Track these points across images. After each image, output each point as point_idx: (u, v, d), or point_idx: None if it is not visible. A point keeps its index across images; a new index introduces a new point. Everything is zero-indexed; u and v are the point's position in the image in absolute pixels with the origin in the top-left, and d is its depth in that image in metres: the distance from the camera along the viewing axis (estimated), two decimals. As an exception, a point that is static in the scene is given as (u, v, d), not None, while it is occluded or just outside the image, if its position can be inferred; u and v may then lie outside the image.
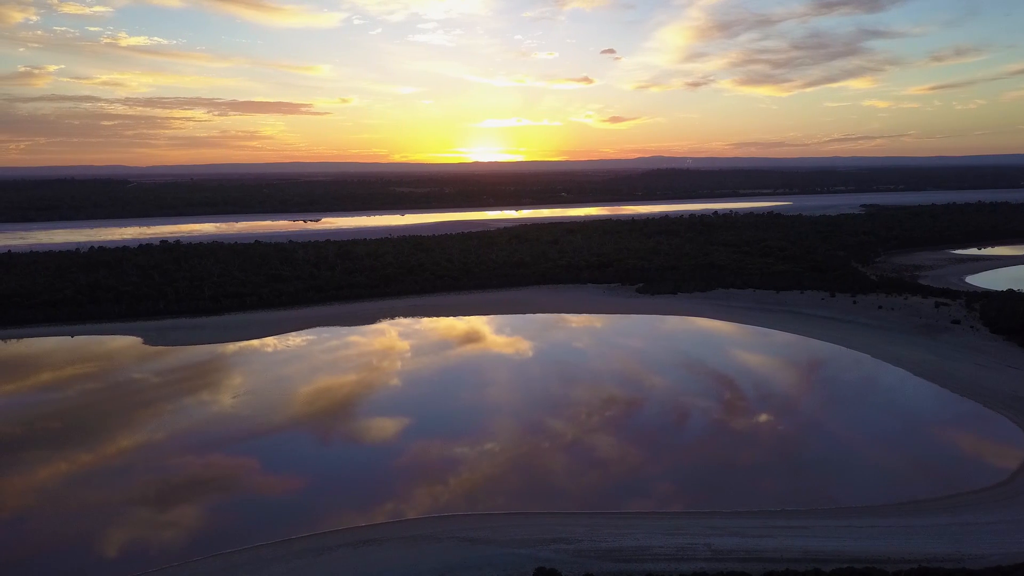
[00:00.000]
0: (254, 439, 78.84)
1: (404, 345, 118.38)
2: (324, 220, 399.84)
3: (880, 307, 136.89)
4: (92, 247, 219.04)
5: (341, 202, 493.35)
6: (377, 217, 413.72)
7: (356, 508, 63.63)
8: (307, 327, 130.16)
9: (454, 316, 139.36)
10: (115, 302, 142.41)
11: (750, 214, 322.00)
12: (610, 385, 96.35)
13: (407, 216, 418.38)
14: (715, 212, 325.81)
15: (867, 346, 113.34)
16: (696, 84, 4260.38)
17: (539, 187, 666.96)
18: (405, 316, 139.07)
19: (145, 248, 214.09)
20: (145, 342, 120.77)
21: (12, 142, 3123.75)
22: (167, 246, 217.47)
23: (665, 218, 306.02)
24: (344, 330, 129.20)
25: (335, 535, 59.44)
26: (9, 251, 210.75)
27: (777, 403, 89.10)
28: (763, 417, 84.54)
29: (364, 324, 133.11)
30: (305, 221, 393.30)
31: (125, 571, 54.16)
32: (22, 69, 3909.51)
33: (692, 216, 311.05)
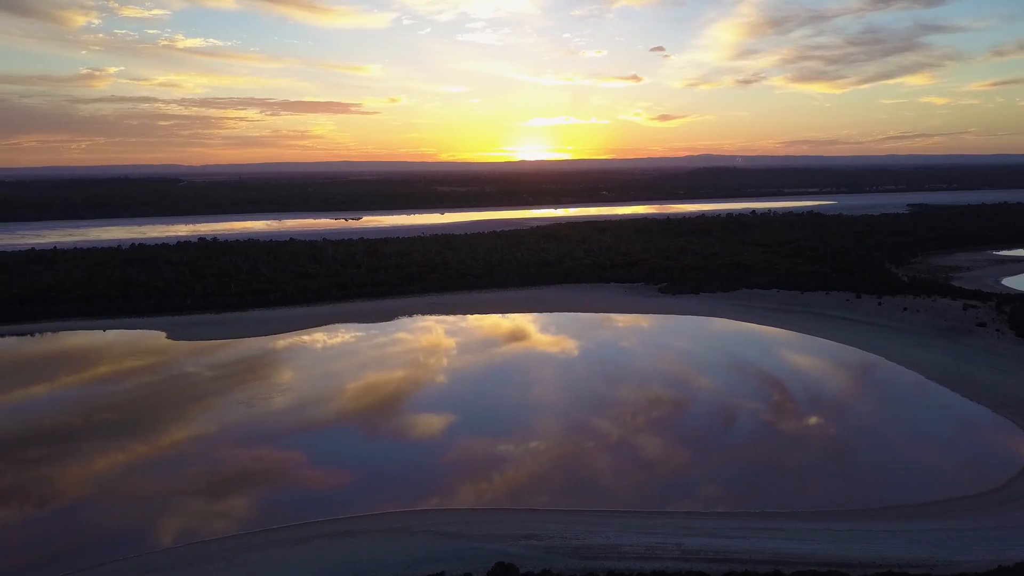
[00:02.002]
0: (263, 432, 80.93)
1: (416, 341, 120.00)
2: (365, 218, 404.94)
3: (905, 309, 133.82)
4: (133, 244, 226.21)
5: (383, 201, 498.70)
6: (418, 216, 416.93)
7: (341, 501, 65.08)
8: (326, 323, 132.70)
9: (469, 313, 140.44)
10: (145, 297, 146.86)
11: (788, 213, 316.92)
12: (593, 382, 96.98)
13: (447, 215, 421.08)
14: (753, 211, 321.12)
15: (883, 348, 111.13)
16: (747, 81, 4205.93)
17: (581, 186, 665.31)
18: (423, 313, 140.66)
19: (182, 245, 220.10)
20: (169, 336, 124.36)
21: (73, 142, 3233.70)
22: (204, 243, 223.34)
23: (701, 217, 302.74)
24: (360, 326, 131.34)
25: (314, 526, 60.87)
26: (55, 247, 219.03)
27: (774, 404, 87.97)
28: (755, 418, 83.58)
29: (381, 321, 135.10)
30: (347, 219, 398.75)
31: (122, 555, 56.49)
32: (84, 71, 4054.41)
33: (729, 215, 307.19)
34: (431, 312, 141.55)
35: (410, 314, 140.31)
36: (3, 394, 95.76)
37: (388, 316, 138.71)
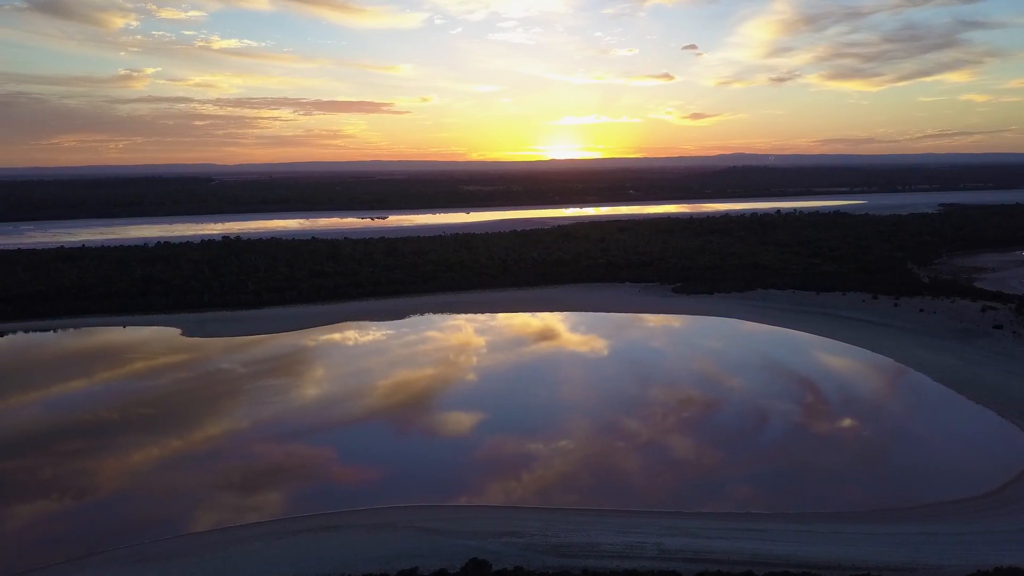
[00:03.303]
0: (265, 427, 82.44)
1: (422, 339, 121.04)
2: (391, 218, 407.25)
3: (921, 310, 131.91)
4: (158, 242, 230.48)
5: (409, 200, 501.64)
6: (443, 215, 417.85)
7: (337, 495, 66.08)
8: (337, 321, 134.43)
9: (479, 312, 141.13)
10: (164, 295, 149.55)
11: (814, 213, 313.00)
12: (587, 382, 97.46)
13: (472, 214, 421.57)
14: (778, 211, 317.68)
15: (893, 350, 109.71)
16: (781, 79, 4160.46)
17: (608, 185, 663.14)
18: (434, 312, 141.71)
19: (206, 243, 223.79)
20: (183, 333, 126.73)
21: (112, 142, 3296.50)
22: (226, 241, 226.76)
23: (724, 217, 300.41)
24: (370, 324, 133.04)
25: (300, 520, 61.89)
26: (83, 245, 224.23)
27: (770, 405, 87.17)
28: (744, 418, 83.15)
29: (391, 319, 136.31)
30: (373, 219, 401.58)
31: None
32: (122, 72, 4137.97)
33: (753, 215, 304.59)
34: (441, 311, 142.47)
35: (421, 312, 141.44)
36: (15, 389, 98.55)
37: (399, 315, 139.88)
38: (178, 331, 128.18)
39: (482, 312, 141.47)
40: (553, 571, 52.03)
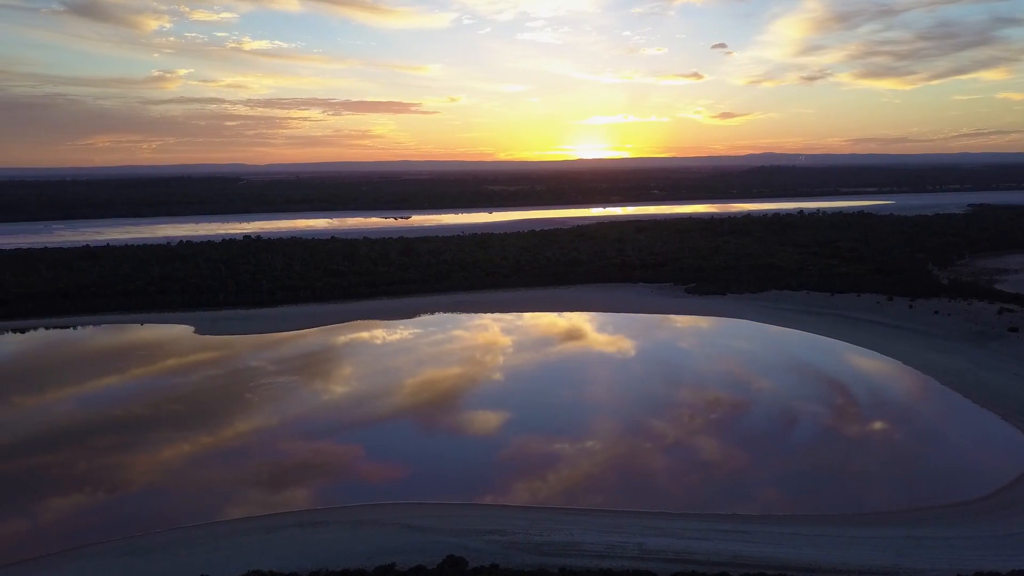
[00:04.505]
0: (269, 423, 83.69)
1: (430, 338, 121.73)
2: (414, 217, 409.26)
3: (936, 312, 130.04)
4: (180, 241, 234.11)
5: (433, 200, 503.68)
6: (466, 215, 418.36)
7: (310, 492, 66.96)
8: (348, 320, 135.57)
9: (489, 312, 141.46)
10: (180, 293, 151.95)
11: (837, 213, 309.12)
12: (575, 381, 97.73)
13: (495, 214, 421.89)
14: (800, 211, 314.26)
15: (902, 352, 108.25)
16: (812, 78, 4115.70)
17: (632, 184, 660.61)
18: (444, 311, 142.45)
19: (226, 242, 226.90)
20: (196, 331, 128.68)
21: (145, 142, 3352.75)
22: (247, 240, 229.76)
23: (746, 217, 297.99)
24: (380, 323, 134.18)
25: (289, 516, 62.76)
26: (108, 244, 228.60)
27: (765, 408, 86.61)
28: (741, 422, 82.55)
29: (401, 319, 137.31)
30: (396, 219, 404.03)
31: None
32: (155, 73, 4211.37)
33: (776, 215, 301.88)
34: (450, 311, 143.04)
35: (431, 312, 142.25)
36: (13, 388, 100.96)
37: (409, 314, 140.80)
38: (191, 329, 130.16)
39: (491, 312, 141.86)
40: (530, 569, 52.28)
